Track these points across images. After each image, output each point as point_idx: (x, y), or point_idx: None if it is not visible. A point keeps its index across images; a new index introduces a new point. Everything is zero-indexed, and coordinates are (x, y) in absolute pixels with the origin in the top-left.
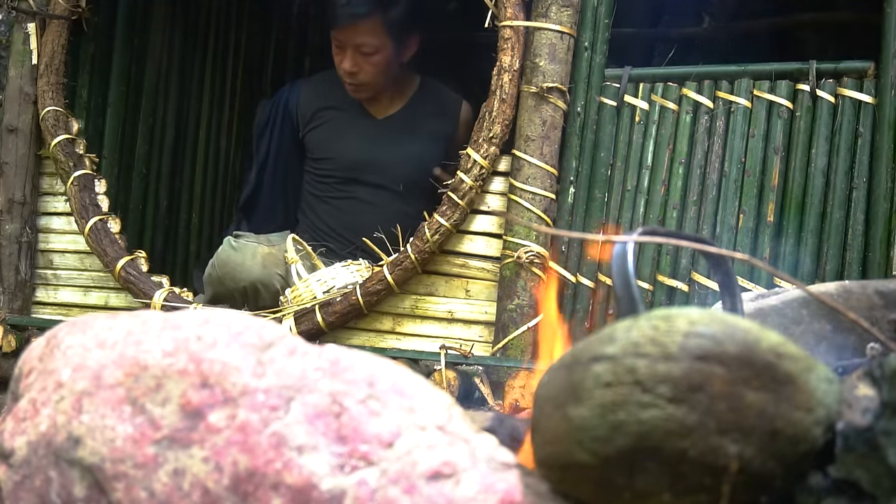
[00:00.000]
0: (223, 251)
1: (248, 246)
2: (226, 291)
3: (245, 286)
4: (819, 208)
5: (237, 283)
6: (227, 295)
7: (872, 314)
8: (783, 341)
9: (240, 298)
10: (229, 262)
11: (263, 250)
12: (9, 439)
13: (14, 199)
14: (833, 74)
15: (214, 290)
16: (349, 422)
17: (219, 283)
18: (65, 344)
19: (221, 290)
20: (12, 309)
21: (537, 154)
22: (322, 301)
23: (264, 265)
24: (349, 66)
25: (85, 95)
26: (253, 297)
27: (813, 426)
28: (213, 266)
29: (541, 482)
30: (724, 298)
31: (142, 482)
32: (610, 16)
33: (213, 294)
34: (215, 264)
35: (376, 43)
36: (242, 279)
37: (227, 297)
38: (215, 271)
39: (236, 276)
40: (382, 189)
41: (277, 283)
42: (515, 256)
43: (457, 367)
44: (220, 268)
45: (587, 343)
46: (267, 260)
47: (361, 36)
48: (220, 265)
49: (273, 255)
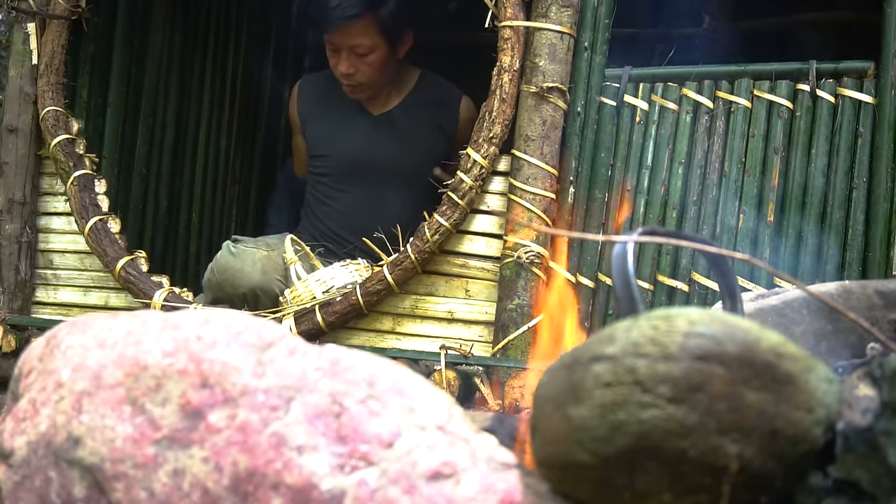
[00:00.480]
0: (222, 257)
1: (246, 251)
2: (225, 297)
3: (244, 292)
4: (819, 208)
5: (236, 290)
6: (227, 300)
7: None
8: (783, 341)
9: (239, 304)
10: (228, 267)
11: (262, 255)
12: (8, 439)
13: (14, 199)
14: (833, 74)
15: (214, 295)
16: (349, 422)
17: (218, 289)
18: (65, 344)
19: (221, 295)
20: (12, 309)
21: (537, 154)
22: (322, 301)
23: (264, 271)
24: (345, 69)
25: (85, 95)
26: (252, 303)
27: (813, 426)
28: (213, 271)
29: (541, 482)
30: (724, 298)
31: (141, 482)
32: (610, 16)
33: (213, 299)
34: (214, 269)
35: (370, 43)
36: (242, 285)
37: (227, 302)
38: (215, 277)
39: (236, 283)
40: (382, 187)
41: (277, 289)
42: (515, 256)
43: (457, 367)
44: (220, 273)
45: (587, 343)
46: (266, 265)
47: (355, 37)
48: (220, 271)
49: (272, 260)
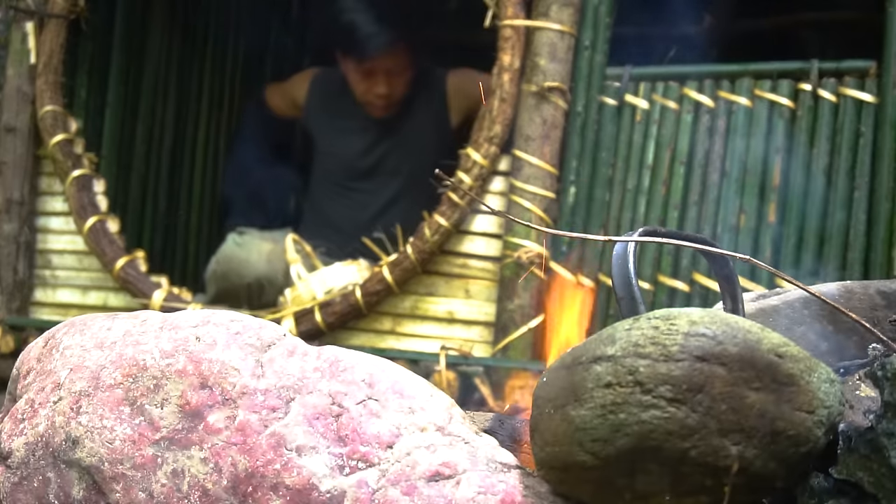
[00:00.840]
0: (227, 247)
1: (252, 242)
2: (230, 287)
3: (250, 282)
4: (820, 208)
5: (242, 279)
6: (232, 291)
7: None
8: (785, 342)
9: (244, 294)
10: (234, 258)
11: (268, 247)
12: (7, 440)
13: (12, 198)
14: (835, 74)
15: (218, 287)
16: (349, 422)
17: (223, 279)
18: (63, 344)
19: (225, 286)
20: (10, 309)
21: (538, 154)
22: (322, 301)
23: (269, 261)
24: (384, 90)
25: (83, 95)
26: (257, 293)
27: (815, 427)
28: (217, 262)
29: (541, 483)
30: (725, 299)
31: (140, 483)
32: (611, 15)
33: (217, 291)
34: (219, 260)
35: (406, 61)
36: (247, 275)
37: (231, 294)
38: (219, 267)
39: (241, 272)
40: (384, 188)
41: (281, 279)
42: (515, 256)
43: (457, 367)
44: (225, 263)
45: (587, 343)
46: (271, 256)
47: (392, 59)
48: (225, 261)
49: (277, 252)
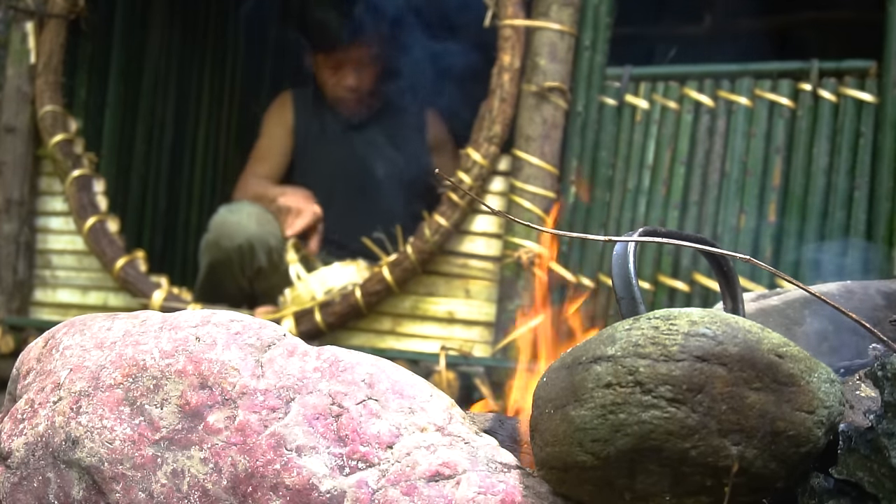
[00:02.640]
0: (219, 214)
1: (243, 206)
2: (221, 254)
3: (241, 243)
4: (821, 208)
5: (233, 241)
6: (224, 260)
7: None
8: (785, 342)
9: (236, 259)
10: (225, 222)
11: (258, 210)
12: (6, 440)
13: (12, 198)
14: (835, 74)
15: (211, 256)
16: (349, 423)
17: (214, 246)
18: (63, 344)
19: (217, 253)
20: (10, 309)
21: (538, 154)
22: (322, 301)
23: (259, 223)
24: (353, 82)
25: (83, 95)
26: (249, 256)
27: (815, 427)
28: (209, 230)
29: (541, 483)
30: (725, 299)
31: (140, 483)
32: (611, 15)
33: (210, 261)
34: (211, 228)
35: (375, 52)
36: (238, 236)
37: (224, 263)
38: (211, 234)
39: (232, 234)
40: (378, 192)
41: (272, 241)
42: (515, 256)
43: (457, 367)
44: (217, 229)
45: (587, 343)
46: (261, 218)
47: (361, 50)
48: (217, 226)
49: (266, 215)
